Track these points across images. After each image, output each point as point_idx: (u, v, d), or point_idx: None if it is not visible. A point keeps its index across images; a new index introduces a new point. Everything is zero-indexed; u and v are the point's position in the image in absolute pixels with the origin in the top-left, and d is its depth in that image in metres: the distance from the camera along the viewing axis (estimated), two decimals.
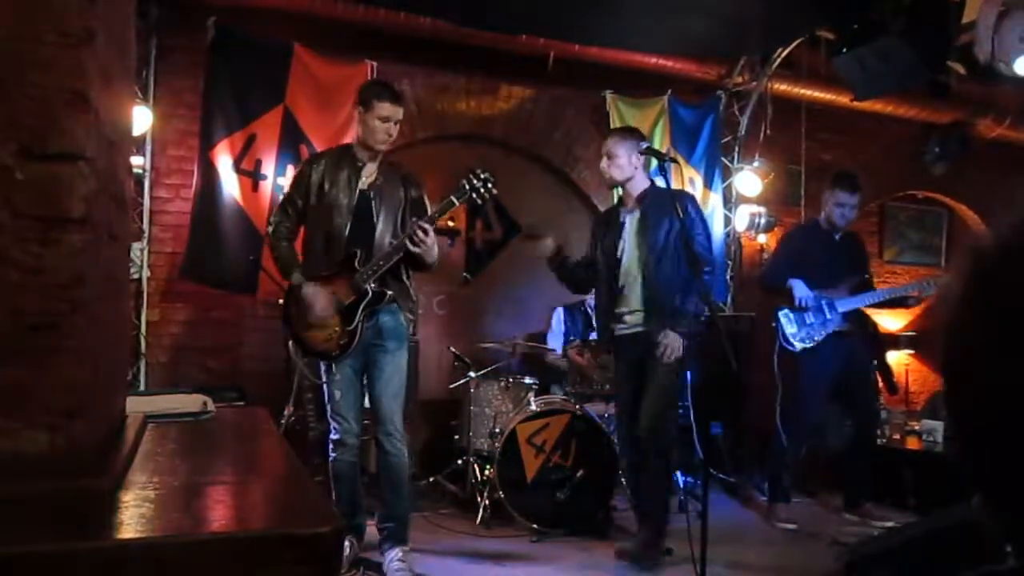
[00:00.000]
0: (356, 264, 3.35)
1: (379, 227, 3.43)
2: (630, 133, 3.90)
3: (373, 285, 3.35)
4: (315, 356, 3.49)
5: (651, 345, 3.68)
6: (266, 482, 1.20)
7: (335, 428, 3.46)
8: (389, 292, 3.40)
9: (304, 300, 3.36)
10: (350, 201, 3.41)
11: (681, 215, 3.53)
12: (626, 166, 3.76)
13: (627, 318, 3.82)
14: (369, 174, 3.48)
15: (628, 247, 3.81)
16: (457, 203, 3.41)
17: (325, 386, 3.49)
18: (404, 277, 3.52)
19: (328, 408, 3.50)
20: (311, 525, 0.89)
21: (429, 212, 3.49)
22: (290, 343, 3.53)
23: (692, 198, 3.82)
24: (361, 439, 3.56)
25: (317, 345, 3.41)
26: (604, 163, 3.82)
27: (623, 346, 3.88)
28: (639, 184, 3.83)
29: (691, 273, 3.55)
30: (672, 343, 3.63)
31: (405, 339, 3.52)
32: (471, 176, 3.42)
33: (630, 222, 3.83)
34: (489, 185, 3.43)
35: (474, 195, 3.42)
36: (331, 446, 3.48)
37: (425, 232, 3.29)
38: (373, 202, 3.45)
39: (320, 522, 0.90)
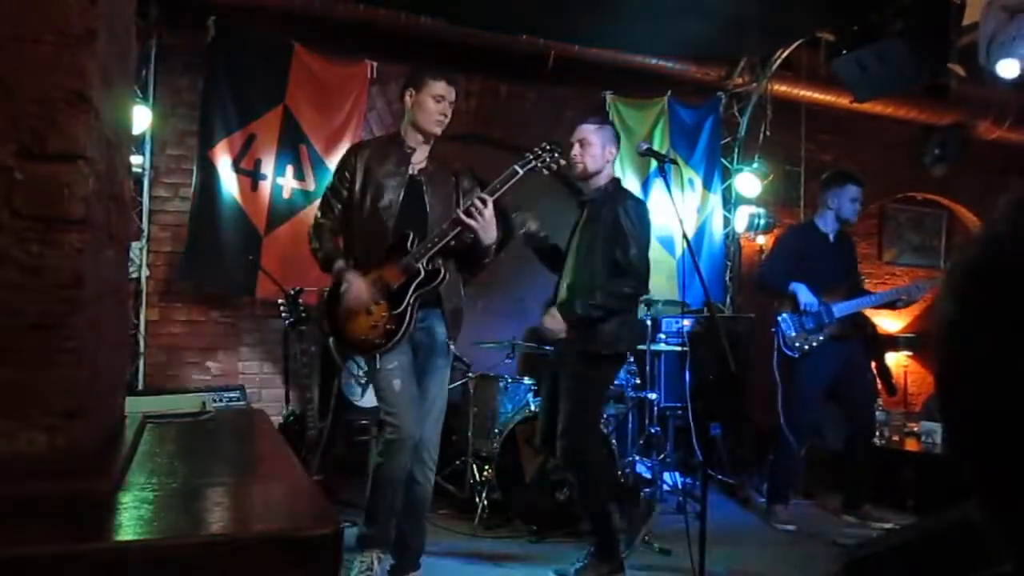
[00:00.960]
0: (408, 246, 3.09)
1: (431, 214, 3.18)
2: (606, 123, 3.71)
3: (425, 263, 3.08)
4: (358, 350, 3.18)
5: (564, 351, 3.47)
6: (265, 483, 1.20)
7: (391, 428, 3.04)
8: (442, 270, 3.10)
9: (347, 287, 3.07)
10: (400, 184, 3.17)
11: (613, 220, 3.36)
12: (599, 157, 3.53)
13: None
14: (419, 160, 3.26)
15: (572, 245, 3.57)
16: (521, 172, 3.14)
17: (374, 382, 3.14)
18: (462, 289, 3.30)
19: (381, 405, 3.11)
20: (311, 527, 0.89)
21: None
22: (331, 341, 3.23)
23: (636, 204, 3.51)
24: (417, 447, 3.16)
25: (359, 334, 3.08)
26: (576, 150, 3.55)
27: (553, 345, 3.67)
28: (602, 179, 3.57)
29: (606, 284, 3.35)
30: (550, 325, 3.37)
31: (450, 357, 3.28)
32: (537, 148, 3.19)
33: (579, 220, 3.60)
34: (556, 155, 3.19)
35: (539, 164, 3.17)
36: (380, 447, 3.10)
37: (484, 203, 3.03)
38: (424, 187, 3.22)
39: (320, 524, 0.90)
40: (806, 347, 4.47)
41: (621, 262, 3.34)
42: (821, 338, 4.46)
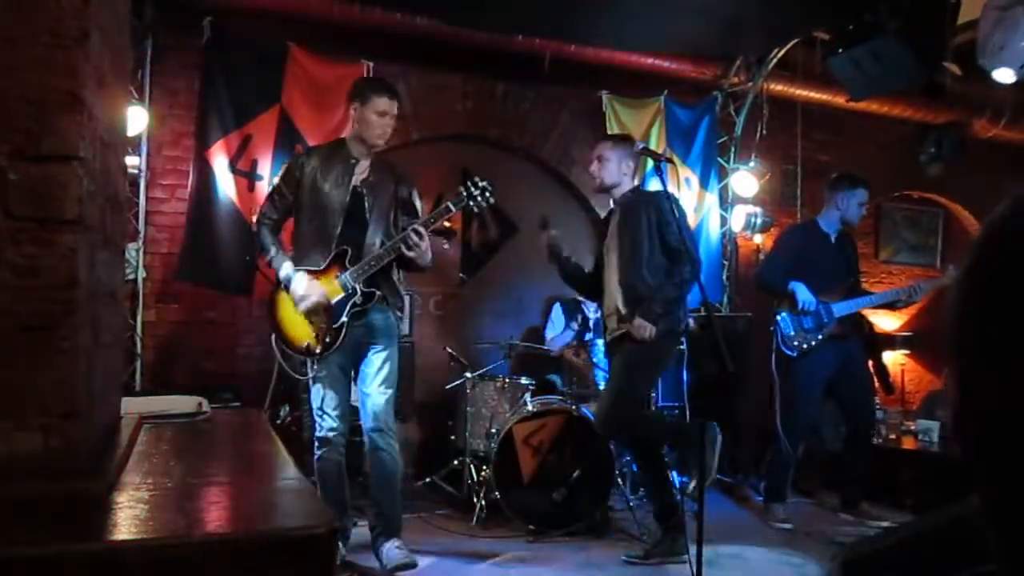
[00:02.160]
0: (346, 262, 3.33)
1: (371, 226, 3.40)
2: (624, 141, 3.98)
3: (361, 285, 3.33)
4: (298, 354, 3.41)
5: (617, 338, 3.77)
6: (261, 483, 1.20)
7: (319, 425, 3.41)
8: (378, 292, 3.37)
9: (295, 291, 3.31)
10: (342, 197, 3.37)
11: (655, 215, 3.66)
12: (615, 171, 3.82)
13: (608, 323, 3.87)
14: (362, 171, 3.44)
15: (609, 251, 3.86)
16: (454, 210, 3.41)
17: (310, 383, 3.43)
18: (394, 276, 3.50)
19: (312, 405, 3.45)
20: (305, 526, 0.89)
21: (420, 212, 3.48)
22: (272, 338, 3.49)
23: (671, 197, 3.73)
24: (347, 439, 3.50)
25: (300, 342, 3.35)
26: (594, 166, 3.88)
27: (607, 351, 3.97)
28: (624, 189, 3.88)
29: (669, 269, 3.67)
30: (639, 327, 3.63)
31: (396, 336, 3.50)
32: (469, 184, 3.42)
33: (612, 226, 3.88)
34: (487, 194, 3.43)
35: (471, 203, 3.42)
36: (316, 444, 3.43)
37: (420, 236, 3.28)
38: (365, 199, 3.41)
39: (315, 523, 0.90)
40: (804, 346, 4.47)
41: (676, 245, 3.64)
42: (820, 337, 4.46)
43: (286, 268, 3.36)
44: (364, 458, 3.54)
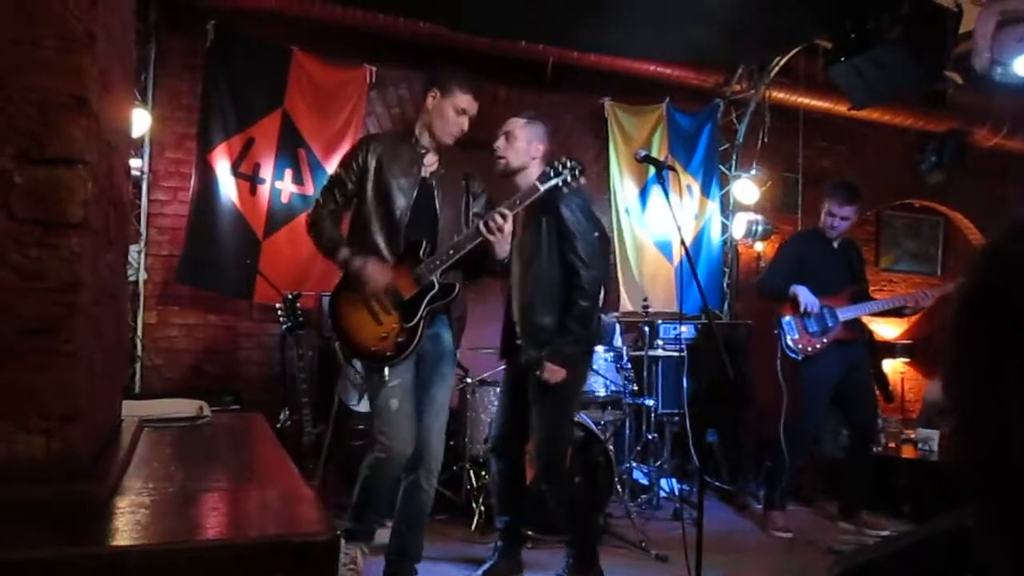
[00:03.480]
0: (420, 254, 3.00)
1: (440, 220, 3.10)
2: (537, 120, 3.53)
3: (439, 277, 3.00)
4: (366, 359, 3.05)
5: (528, 364, 3.33)
6: (262, 488, 1.20)
7: (382, 445, 2.95)
8: (457, 285, 3.04)
9: (359, 275, 2.94)
10: (412, 186, 3.06)
11: (556, 221, 3.24)
12: (523, 152, 3.37)
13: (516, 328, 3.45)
14: (431, 162, 3.16)
15: (512, 255, 3.34)
16: (542, 189, 3.05)
17: (372, 394, 3.04)
18: (466, 304, 3.24)
19: (376, 421, 3.02)
20: (307, 532, 0.89)
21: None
22: (337, 347, 3.14)
23: (576, 199, 3.33)
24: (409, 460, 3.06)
25: (368, 344, 2.98)
26: (500, 142, 3.42)
27: (521, 365, 3.42)
28: (530, 177, 3.29)
29: (568, 296, 3.23)
30: (552, 374, 3.20)
31: (455, 362, 3.22)
32: (557, 163, 3.09)
33: (516, 224, 3.37)
34: (576, 172, 3.08)
35: (559, 181, 3.06)
36: (371, 461, 3.01)
37: (504, 218, 2.95)
38: (436, 191, 3.12)
39: (316, 529, 0.89)
40: (809, 349, 4.47)
41: (573, 263, 3.24)
42: (824, 340, 4.46)
43: (344, 253, 2.99)
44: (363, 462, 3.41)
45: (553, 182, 3.07)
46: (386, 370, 2.97)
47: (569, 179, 3.09)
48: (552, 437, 3.35)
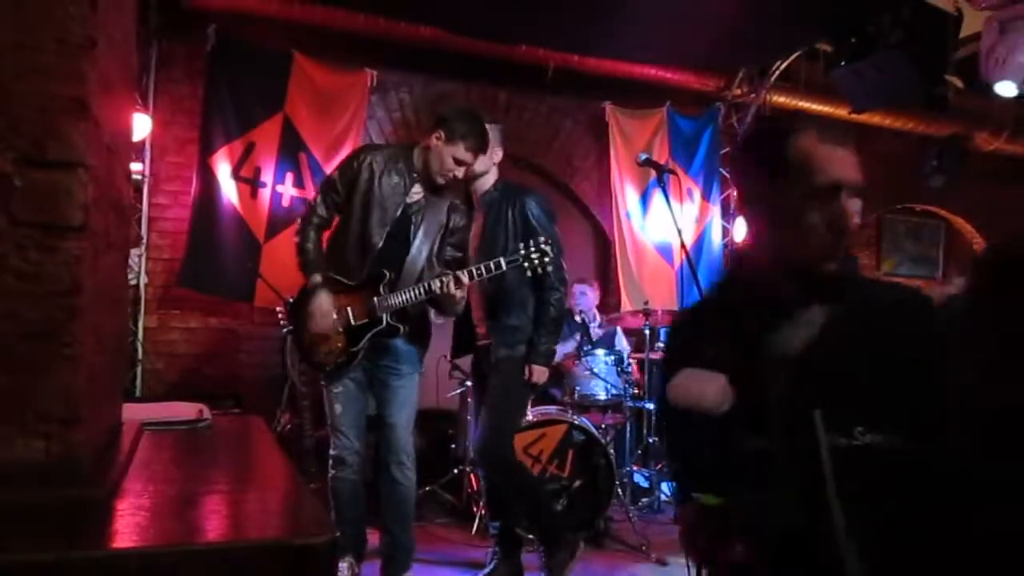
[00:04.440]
0: (380, 288, 3.13)
1: (412, 250, 3.20)
2: (495, 123, 3.54)
3: (389, 317, 3.15)
4: (311, 365, 3.35)
5: (497, 362, 3.43)
6: (262, 491, 1.20)
7: (334, 443, 3.25)
8: (403, 328, 3.17)
9: (314, 308, 3.14)
10: (392, 212, 3.17)
11: (521, 219, 3.33)
12: (485, 158, 3.37)
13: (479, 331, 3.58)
14: (419, 191, 3.24)
15: (476, 252, 3.44)
16: (505, 267, 3.10)
17: (325, 397, 3.30)
18: (429, 312, 3.35)
19: (328, 422, 3.30)
20: (306, 535, 0.89)
21: (465, 246, 3.31)
22: (289, 341, 3.31)
23: (537, 199, 3.44)
24: (362, 457, 3.32)
25: (315, 355, 3.24)
26: None
27: (484, 361, 3.58)
28: (485, 185, 3.47)
29: (538, 295, 3.35)
30: (539, 375, 3.39)
31: (418, 365, 3.34)
32: (529, 245, 3.12)
33: (472, 229, 3.48)
34: (546, 260, 3.11)
35: (526, 264, 3.11)
36: (331, 462, 3.27)
37: (459, 284, 3.05)
38: (413, 219, 3.21)
39: (315, 532, 0.89)
40: None
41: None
42: None
43: (315, 279, 3.17)
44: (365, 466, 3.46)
45: (517, 262, 3.10)
46: (329, 377, 3.24)
47: (536, 261, 3.10)
48: (504, 430, 3.46)
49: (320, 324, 3.14)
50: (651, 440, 5.02)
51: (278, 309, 4.19)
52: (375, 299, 3.13)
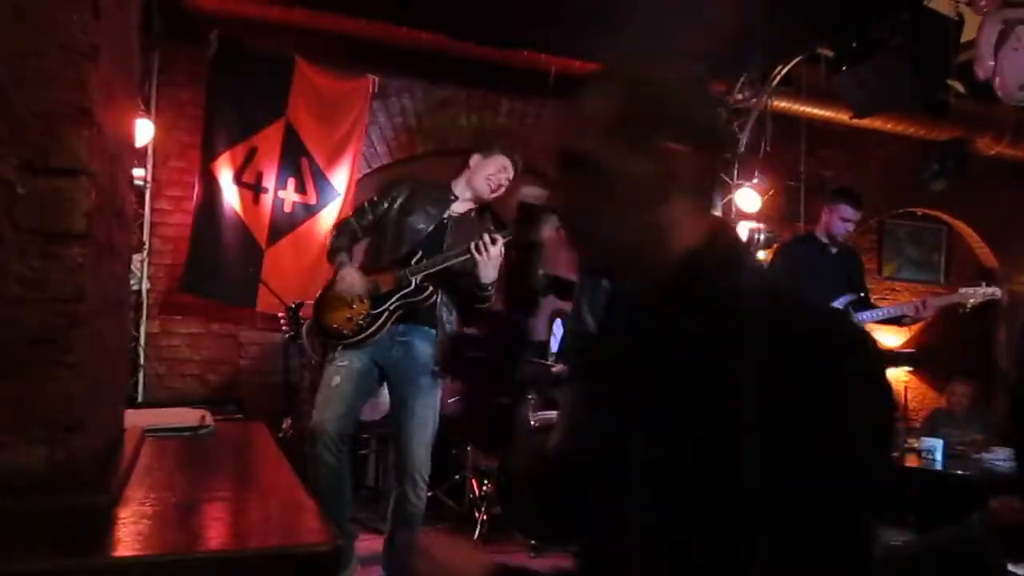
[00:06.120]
0: (412, 261, 3.17)
1: (446, 247, 3.23)
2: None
3: (418, 279, 3.14)
4: (328, 336, 3.22)
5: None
6: (264, 499, 1.20)
7: (314, 414, 3.13)
8: (431, 288, 3.15)
9: (341, 276, 3.14)
10: (428, 223, 3.24)
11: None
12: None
13: None
14: (458, 208, 3.31)
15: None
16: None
17: (324, 371, 3.22)
18: (443, 314, 3.27)
19: (318, 394, 3.18)
20: (308, 543, 0.89)
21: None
22: (308, 324, 3.30)
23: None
24: (343, 443, 3.16)
25: (334, 323, 3.16)
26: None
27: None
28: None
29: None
30: None
31: (438, 379, 3.26)
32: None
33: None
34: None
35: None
36: (309, 438, 3.14)
37: (493, 241, 3.03)
38: (448, 230, 3.26)
39: (318, 540, 0.89)
40: None
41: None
42: None
43: (342, 258, 3.21)
44: (365, 471, 3.44)
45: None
46: (338, 349, 3.17)
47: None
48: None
49: (344, 286, 3.13)
50: None
51: (280, 315, 4.20)
52: (405, 268, 3.15)
